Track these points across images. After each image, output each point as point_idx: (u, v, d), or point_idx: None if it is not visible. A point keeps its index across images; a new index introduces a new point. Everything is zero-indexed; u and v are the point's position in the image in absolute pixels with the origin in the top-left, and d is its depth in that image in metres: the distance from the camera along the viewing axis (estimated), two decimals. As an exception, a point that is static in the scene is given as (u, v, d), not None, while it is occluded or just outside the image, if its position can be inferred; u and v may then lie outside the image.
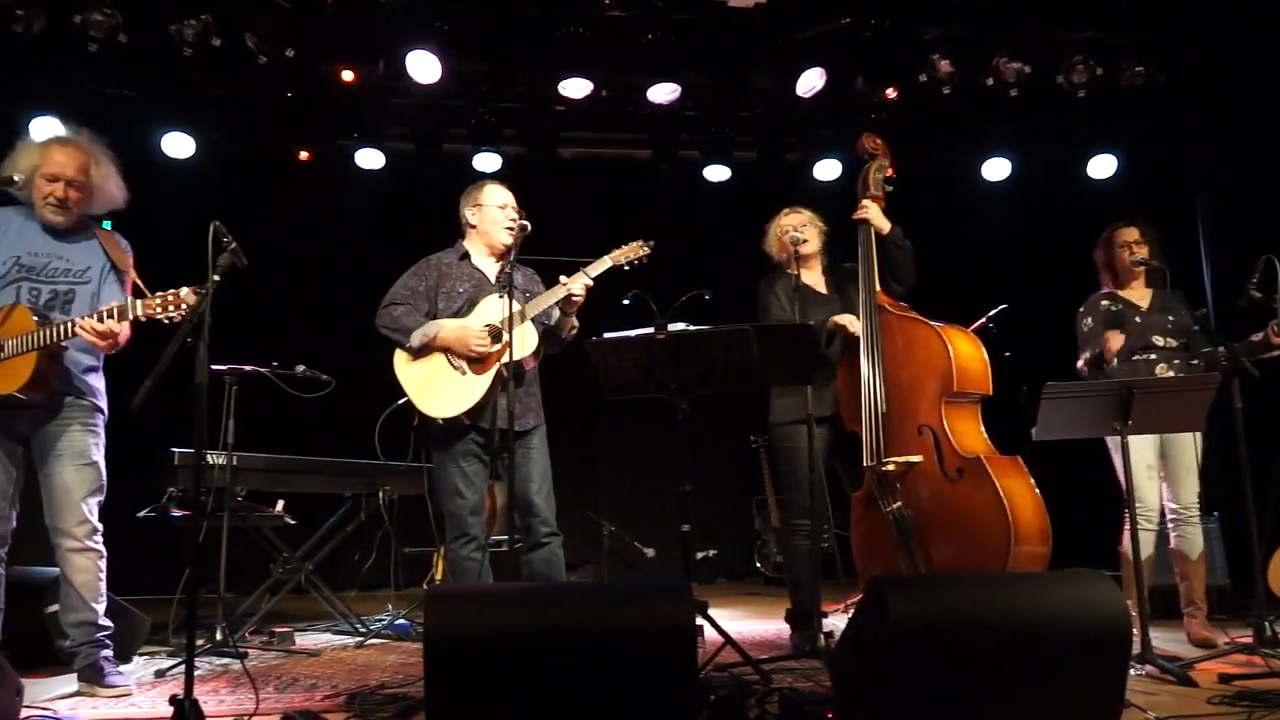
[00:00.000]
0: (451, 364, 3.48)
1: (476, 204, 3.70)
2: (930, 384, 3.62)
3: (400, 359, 3.55)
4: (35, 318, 3.10)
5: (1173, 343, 4.05)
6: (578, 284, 3.44)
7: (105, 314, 3.04)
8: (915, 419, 3.63)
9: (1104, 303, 4.21)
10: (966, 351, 3.66)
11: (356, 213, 6.43)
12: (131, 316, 3.04)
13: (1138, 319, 4.12)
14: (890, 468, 3.59)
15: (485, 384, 3.42)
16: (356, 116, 5.96)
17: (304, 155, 6.10)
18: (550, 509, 3.50)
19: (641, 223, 3.77)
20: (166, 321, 2.97)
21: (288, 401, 4.37)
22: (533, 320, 3.48)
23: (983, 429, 3.66)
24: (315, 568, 4.62)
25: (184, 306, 2.94)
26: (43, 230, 3.29)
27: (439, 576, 5.02)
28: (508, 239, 3.56)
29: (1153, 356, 4.05)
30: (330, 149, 6.09)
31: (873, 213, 3.93)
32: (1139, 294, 4.19)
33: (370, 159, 6.07)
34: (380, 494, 4.68)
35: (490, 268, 3.65)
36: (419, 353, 3.51)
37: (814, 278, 4.04)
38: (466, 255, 3.70)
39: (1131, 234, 4.18)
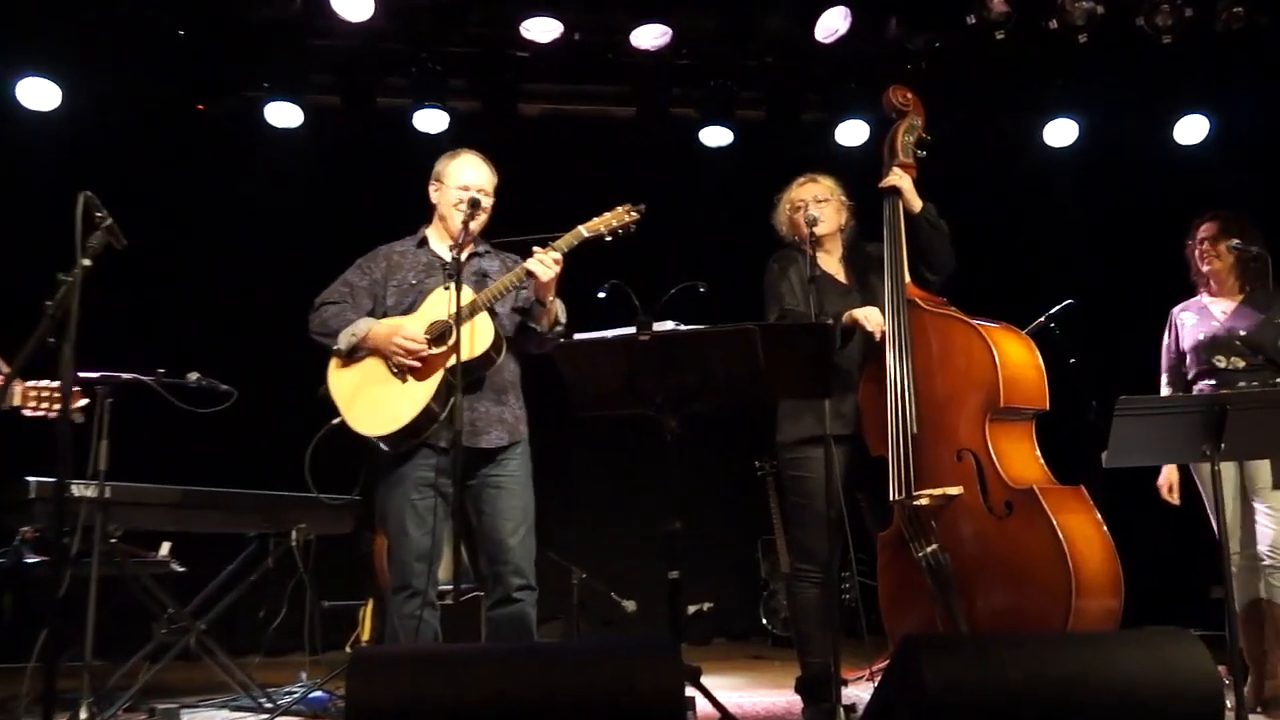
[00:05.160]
0: (391, 369, 3.51)
1: (438, 180, 3.72)
2: (971, 398, 3.62)
3: (334, 366, 3.58)
4: None
5: (1239, 362, 4.10)
6: (538, 263, 3.43)
7: None
8: (953, 441, 3.63)
9: (1181, 315, 4.30)
10: (1017, 357, 3.65)
11: (267, 182, 6.40)
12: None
13: (1201, 335, 4.19)
14: (924, 502, 3.60)
15: (427, 393, 3.43)
16: (267, 61, 5.95)
17: (200, 108, 6.08)
18: (528, 556, 3.51)
19: (623, 196, 3.76)
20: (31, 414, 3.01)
21: (177, 418, 4.34)
22: (493, 311, 3.51)
23: (1037, 453, 3.67)
24: (209, 627, 4.58)
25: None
26: None
27: (366, 636, 5.00)
28: (471, 225, 3.58)
29: (1213, 381, 4.13)
30: (234, 101, 6.07)
31: (904, 183, 3.94)
32: (1227, 300, 4.24)
33: (284, 114, 6.05)
34: (293, 534, 4.64)
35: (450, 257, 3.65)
36: (354, 357, 3.54)
37: (832, 263, 4.05)
38: (425, 242, 3.73)
39: (1207, 229, 4.25)
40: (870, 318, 3.75)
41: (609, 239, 3.52)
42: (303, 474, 4.59)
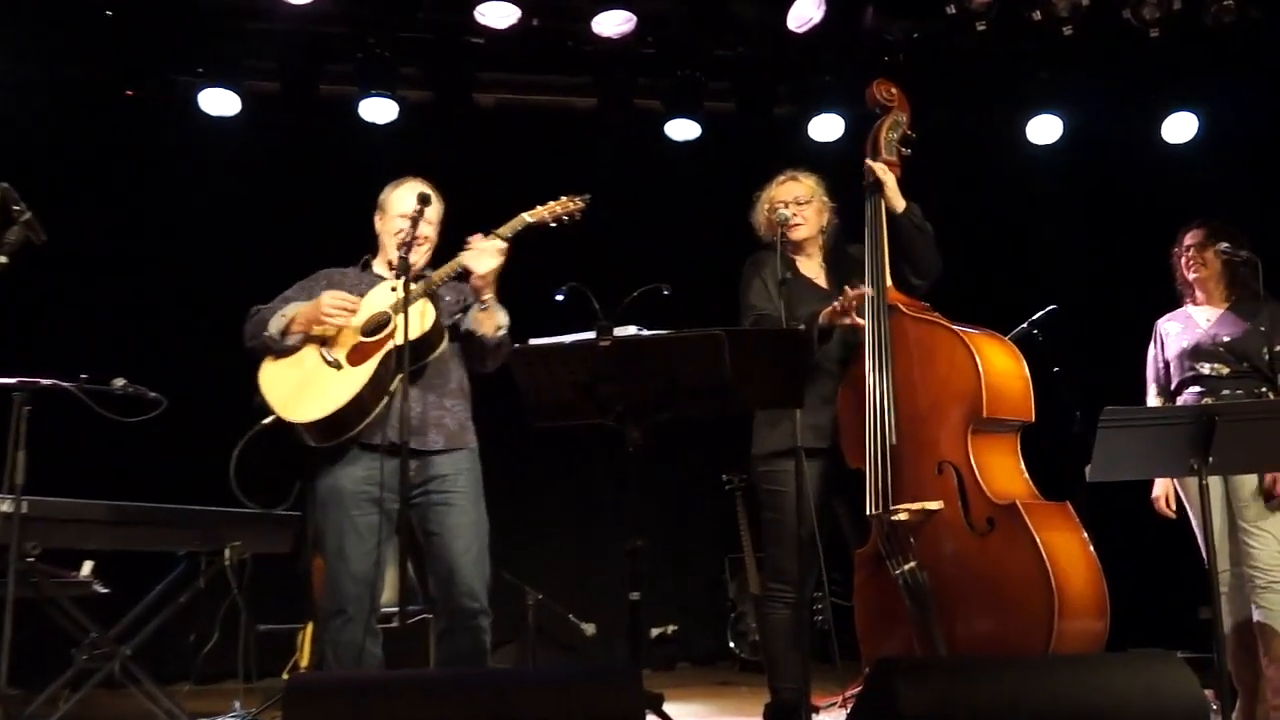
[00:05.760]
0: (325, 359, 3.53)
1: (381, 209, 3.76)
2: (953, 408, 3.64)
3: (265, 368, 3.59)
4: None
5: (1223, 369, 4.18)
6: (475, 254, 3.44)
7: None
8: (934, 453, 3.65)
9: (1165, 325, 4.39)
10: (1001, 366, 3.68)
11: (201, 174, 6.36)
12: None
13: (1185, 343, 4.26)
14: (903, 517, 3.62)
15: (363, 378, 3.43)
16: (202, 44, 5.89)
17: (128, 94, 6.02)
18: (481, 577, 3.51)
19: (584, 192, 3.76)
20: None
21: (102, 428, 4.29)
22: (435, 299, 3.54)
23: (1022, 467, 3.70)
24: (135, 653, 4.54)
25: None
26: None
27: (305, 663, 4.97)
28: (412, 255, 3.57)
29: (1197, 388, 4.20)
30: (165, 87, 6.02)
31: (886, 178, 3.96)
32: (1212, 308, 4.32)
33: (220, 102, 6.01)
34: (227, 552, 4.61)
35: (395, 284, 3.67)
36: (285, 354, 3.55)
37: (813, 267, 4.09)
38: (368, 266, 3.77)
39: (1193, 236, 4.33)
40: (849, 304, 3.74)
41: (553, 225, 3.57)
42: (237, 489, 4.57)
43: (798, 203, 3.99)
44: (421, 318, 3.47)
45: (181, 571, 4.74)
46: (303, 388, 3.50)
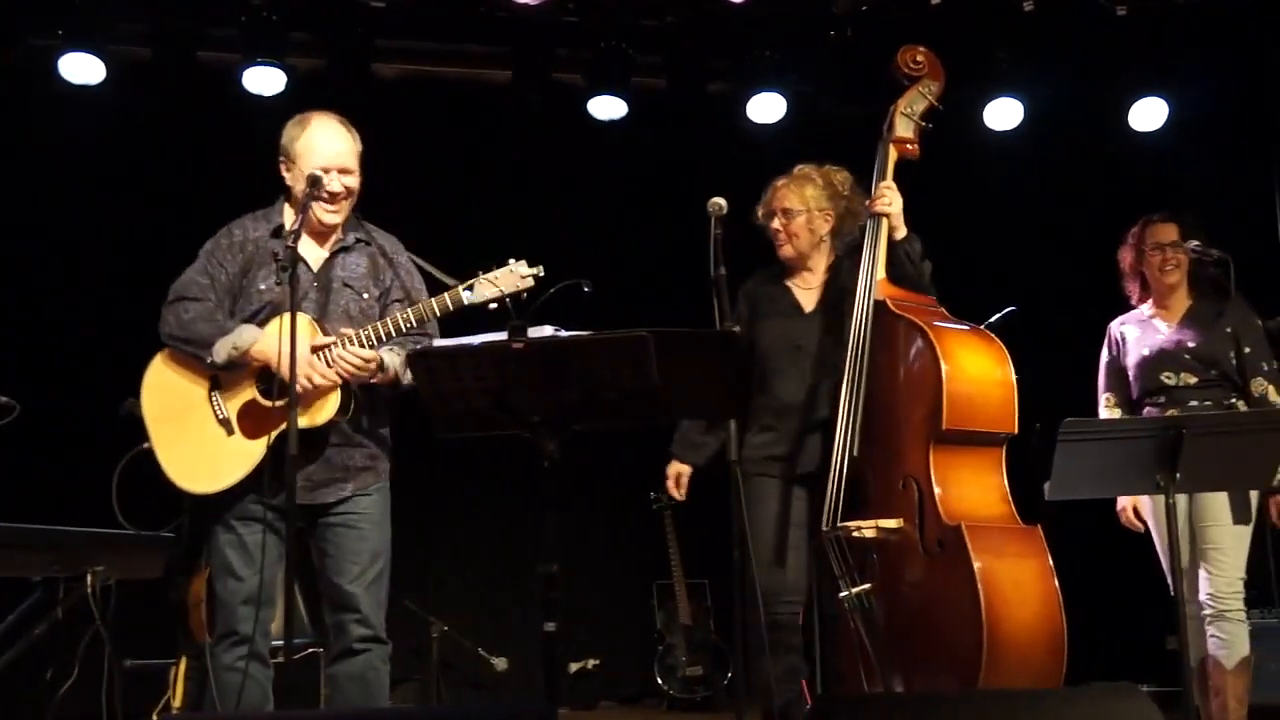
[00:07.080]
0: (216, 408, 3.50)
1: (288, 159, 3.58)
2: (916, 417, 3.69)
3: (154, 372, 3.56)
4: None
5: (1190, 379, 4.29)
6: (341, 357, 3.37)
7: None
8: (901, 466, 3.70)
9: (1121, 329, 4.50)
10: (974, 371, 3.69)
11: (59, 150, 6.27)
12: None
13: (1146, 350, 4.36)
14: (869, 534, 3.65)
15: (255, 455, 3.42)
16: (63, 3, 5.80)
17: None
18: (375, 603, 3.51)
19: (495, 178, 3.77)
20: None
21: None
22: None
23: (1000, 484, 3.72)
24: (-17, 692, 4.46)
25: None
26: None
27: (178, 702, 4.91)
28: (330, 218, 3.54)
29: (1161, 400, 4.31)
30: (19, 52, 5.93)
31: (894, 206, 3.95)
32: (1173, 312, 4.42)
33: (84, 68, 5.92)
34: (89, 578, 4.54)
35: (311, 250, 3.59)
36: (179, 371, 3.52)
37: (802, 281, 4.13)
38: (280, 230, 3.60)
39: (1167, 232, 4.40)
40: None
41: (494, 307, 3.46)
42: (100, 506, 4.51)
43: (784, 214, 4.02)
44: (326, 404, 3.42)
45: (36, 600, 4.66)
46: (189, 438, 3.49)
